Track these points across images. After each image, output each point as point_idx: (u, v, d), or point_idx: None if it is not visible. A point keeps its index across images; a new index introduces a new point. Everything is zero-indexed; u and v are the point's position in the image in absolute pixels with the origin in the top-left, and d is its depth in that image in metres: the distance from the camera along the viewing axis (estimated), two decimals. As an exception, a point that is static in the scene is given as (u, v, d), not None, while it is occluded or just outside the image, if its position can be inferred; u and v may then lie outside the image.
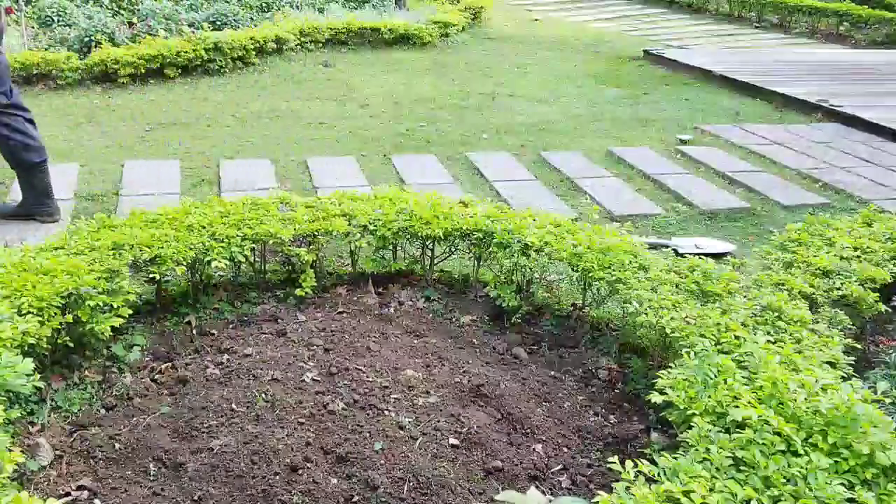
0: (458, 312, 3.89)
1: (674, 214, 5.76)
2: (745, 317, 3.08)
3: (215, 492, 2.55)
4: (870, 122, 8.47)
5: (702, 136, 8.03)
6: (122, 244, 3.40)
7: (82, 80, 8.71)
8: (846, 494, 2.06)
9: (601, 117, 8.67)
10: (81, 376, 3.14)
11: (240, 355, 3.34)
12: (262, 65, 10.10)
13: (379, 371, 3.24)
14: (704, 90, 10.41)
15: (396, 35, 11.83)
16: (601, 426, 3.05)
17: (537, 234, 3.79)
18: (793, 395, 2.42)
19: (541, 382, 3.30)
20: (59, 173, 5.91)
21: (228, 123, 7.64)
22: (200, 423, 2.88)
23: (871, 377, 3.11)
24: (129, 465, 2.69)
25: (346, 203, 4.12)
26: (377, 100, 8.92)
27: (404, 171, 6.40)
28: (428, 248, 4.16)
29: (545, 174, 6.56)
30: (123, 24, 9.92)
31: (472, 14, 14.12)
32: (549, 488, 2.69)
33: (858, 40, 15.83)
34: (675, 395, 2.56)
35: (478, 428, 2.90)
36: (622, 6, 19.00)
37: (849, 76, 11.40)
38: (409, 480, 2.61)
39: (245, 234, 3.70)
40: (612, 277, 3.45)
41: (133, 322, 3.50)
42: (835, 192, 6.41)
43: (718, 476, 2.14)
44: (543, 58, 12.31)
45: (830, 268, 3.65)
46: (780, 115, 9.19)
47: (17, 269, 3.06)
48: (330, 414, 2.93)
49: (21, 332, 2.69)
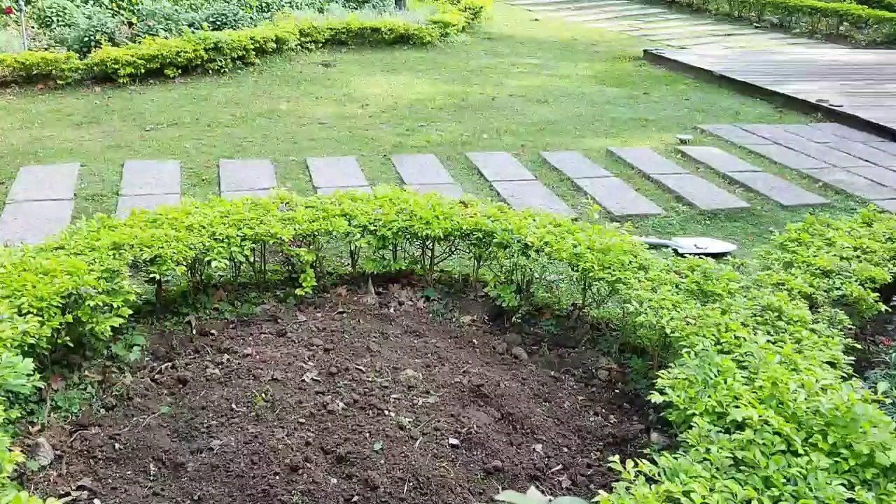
0: (458, 312, 3.89)
1: (674, 214, 5.76)
2: (745, 317, 3.08)
3: (215, 492, 2.55)
4: (870, 122, 8.47)
5: (702, 136, 8.03)
6: (122, 244, 3.40)
7: (82, 80, 8.72)
8: (846, 494, 2.06)
9: (601, 117, 8.67)
10: (81, 376, 3.13)
11: (240, 355, 3.34)
12: (262, 65, 10.10)
13: (379, 371, 3.24)
14: (704, 90, 10.42)
15: (396, 35, 11.84)
16: (601, 426, 3.05)
17: (537, 234, 3.79)
18: (793, 395, 2.42)
19: (541, 382, 3.30)
20: (59, 173, 5.92)
21: (228, 123, 7.64)
22: (200, 423, 2.88)
23: (871, 377, 3.11)
24: (129, 465, 2.69)
25: (346, 203, 4.12)
26: (377, 100, 8.92)
27: (404, 171, 6.40)
28: (428, 248, 4.16)
29: (545, 174, 6.56)
30: (123, 24, 9.91)
31: (471, 14, 14.12)
32: (549, 488, 2.69)
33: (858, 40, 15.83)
34: (675, 395, 2.56)
35: (478, 428, 2.89)
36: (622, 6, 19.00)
37: (849, 76, 11.40)
38: (409, 480, 2.61)
39: (245, 234, 3.70)
40: (612, 277, 3.45)
41: (133, 322, 3.50)
42: (835, 192, 6.42)
43: (718, 476, 2.14)
44: (543, 58, 12.31)
45: (830, 268, 3.65)
46: (780, 115, 9.20)
47: (17, 269, 3.06)
48: (330, 414, 2.93)
49: (21, 332, 2.69)
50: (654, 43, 14.37)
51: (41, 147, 6.63)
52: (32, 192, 5.54)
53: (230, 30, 10.06)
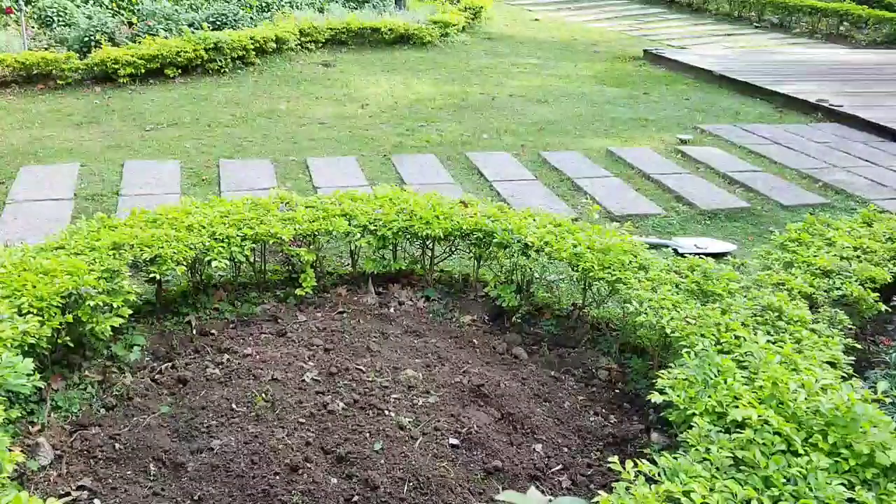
0: (458, 312, 3.89)
1: (674, 214, 5.76)
2: (745, 317, 3.08)
3: (215, 492, 2.55)
4: (870, 122, 8.47)
5: (702, 136, 8.03)
6: (122, 244, 3.40)
7: (82, 80, 8.72)
8: (846, 494, 2.06)
9: (601, 117, 8.67)
10: (81, 376, 3.13)
11: (240, 355, 3.34)
12: (262, 65, 10.10)
13: (379, 371, 3.24)
14: (704, 90, 10.42)
15: (396, 35, 11.84)
16: (601, 426, 3.05)
17: (537, 234, 3.79)
18: (793, 395, 2.42)
19: (541, 382, 3.30)
20: (59, 173, 5.92)
21: (228, 123, 7.64)
22: (200, 423, 2.88)
23: (871, 377, 3.11)
24: (129, 465, 2.69)
25: (346, 203, 4.12)
26: (377, 100, 8.92)
27: (404, 171, 6.40)
28: (428, 248, 4.16)
29: (545, 174, 6.56)
30: (123, 24, 9.92)
31: (471, 14, 14.12)
32: (549, 488, 2.69)
33: (858, 40, 15.84)
34: (676, 395, 2.56)
35: (478, 428, 2.89)
36: (622, 6, 19.00)
37: (849, 76, 11.40)
38: (409, 480, 2.61)
39: (245, 234, 3.70)
40: (612, 277, 3.45)
41: (133, 322, 3.50)
42: (835, 192, 6.42)
43: (718, 476, 2.14)
44: (543, 58, 12.31)
45: (830, 268, 3.65)
46: (780, 115, 9.19)
47: (17, 269, 3.06)
48: (330, 414, 2.93)
49: (21, 332, 2.69)
50: (654, 43, 14.37)
51: (41, 147, 6.63)
52: (32, 192, 5.54)
53: (230, 30, 10.06)
